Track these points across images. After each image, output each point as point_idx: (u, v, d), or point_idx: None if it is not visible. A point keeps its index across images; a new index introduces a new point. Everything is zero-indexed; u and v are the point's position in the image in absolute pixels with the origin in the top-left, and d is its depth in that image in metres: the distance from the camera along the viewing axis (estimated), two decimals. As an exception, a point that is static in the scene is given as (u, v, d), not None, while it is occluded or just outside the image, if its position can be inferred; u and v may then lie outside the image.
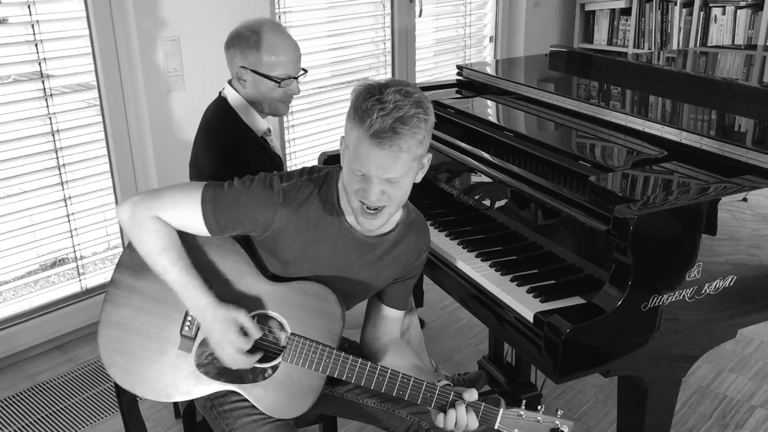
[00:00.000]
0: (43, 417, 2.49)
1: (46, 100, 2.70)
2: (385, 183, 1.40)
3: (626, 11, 4.68)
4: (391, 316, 1.68)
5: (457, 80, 2.87)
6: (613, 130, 2.09)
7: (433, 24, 4.32)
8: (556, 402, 2.53)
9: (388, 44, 4.02)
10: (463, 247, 1.99)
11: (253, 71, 1.99)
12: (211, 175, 1.99)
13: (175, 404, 2.31)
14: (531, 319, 1.64)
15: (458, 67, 2.88)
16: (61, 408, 2.53)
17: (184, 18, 2.88)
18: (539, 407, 1.49)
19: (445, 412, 1.45)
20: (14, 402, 2.57)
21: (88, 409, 2.52)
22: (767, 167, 1.68)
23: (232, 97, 2.04)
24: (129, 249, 1.55)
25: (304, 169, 1.56)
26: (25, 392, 2.62)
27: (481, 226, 2.07)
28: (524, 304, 1.68)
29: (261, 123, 2.05)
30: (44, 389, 2.64)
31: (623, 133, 2.06)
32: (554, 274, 1.79)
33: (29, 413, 2.51)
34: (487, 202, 2.06)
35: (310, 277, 1.54)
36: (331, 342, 1.51)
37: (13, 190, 2.77)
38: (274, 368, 1.51)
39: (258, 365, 1.51)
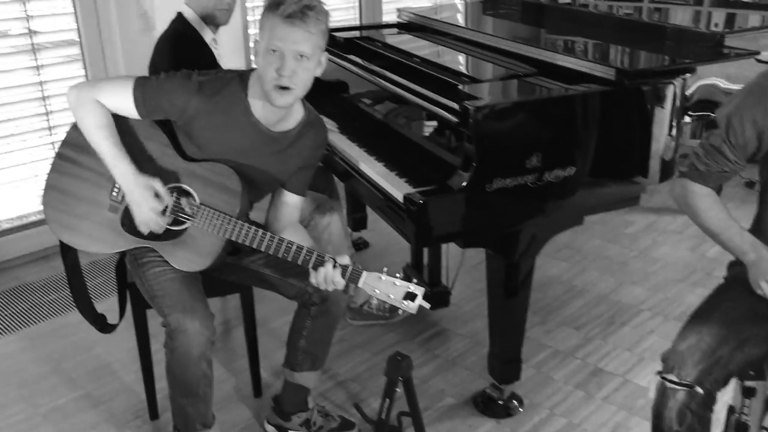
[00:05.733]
0: (25, 309, 2.90)
1: (35, 53, 3.10)
2: (296, 60, 1.72)
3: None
4: (291, 202, 2.01)
5: (398, 22, 3.20)
6: (504, 56, 2.41)
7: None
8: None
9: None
10: (365, 151, 2.34)
11: None
12: (163, 63, 2.35)
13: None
14: (401, 199, 1.98)
15: (397, 9, 3.21)
16: (43, 302, 2.94)
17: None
18: (397, 274, 1.79)
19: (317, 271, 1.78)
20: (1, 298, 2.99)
21: (65, 303, 2.93)
22: (599, 75, 2.00)
23: (187, 12, 2.47)
24: (73, 129, 1.89)
25: (221, 69, 1.91)
26: (12, 290, 3.05)
27: (381, 133, 2.41)
28: (397, 188, 2.02)
29: (208, 33, 2.45)
30: (28, 289, 3.05)
31: (512, 58, 2.38)
32: (429, 167, 2.13)
33: (13, 305, 2.92)
34: (387, 114, 2.39)
35: (220, 160, 1.87)
36: (231, 212, 1.84)
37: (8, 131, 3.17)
38: (184, 231, 1.86)
39: (171, 227, 1.86)
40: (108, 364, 2.54)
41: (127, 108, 1.82)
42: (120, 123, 1.85)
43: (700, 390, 1.48)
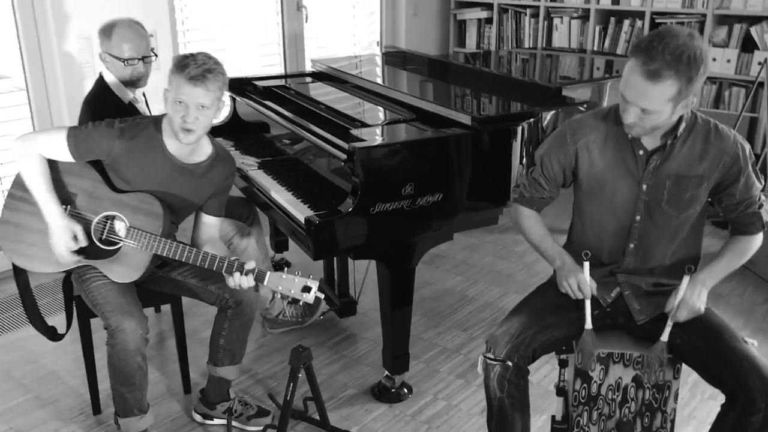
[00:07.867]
0: (-24, 327, 3.23)
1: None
2: (198, 110, 2.18)
3: (489, 20, 5.58)
4: (209, 222, 2.46)
5: (311, 71, 3.69)
6: (392, 103, 2.92)
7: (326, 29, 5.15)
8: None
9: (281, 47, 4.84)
10: (277, 182, 2.80)
11: (108, 53, 2.73)
12: (84, 122, 2.70)
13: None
14: (303, 221, 2.43)
15: (311, 60, 3.70)
16: (-8, 322, 3.29)
17: (94, 19, 3.64)
18: (297, 272, 2.25)
19: (231, 275, 2.23)
20: (-46, 318, 3.31)
21: (16, 320, 3.26)
22: (461, 121, 2.52)
23: (107, 74, 2.79)
24: (19, 174, 2.29)
25: (139, 116, 2.34)
26: (-37, 312, 3.37)
27: (292, 167, 2.88)
28: (301, 212, 2.48)
29: (127, 93, 2.80)
30: (-21, 310, 3.38)
31: (399, 105, 2.89)
32: (328, 195, 2.60)
33: (-34, 325, 3.25)
34: (298, 151, 2.86)
35: (145, 190, 2.28)
36: (156, 232, 2.25)
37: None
38: (118, 250, 2.28)
39: (106, 248, 2.27)
40: (54, 371, 2.90)
41: (63, 155, 2.24)
42: (59, 166, 2.26)
43: (510, 363, 1.95)
